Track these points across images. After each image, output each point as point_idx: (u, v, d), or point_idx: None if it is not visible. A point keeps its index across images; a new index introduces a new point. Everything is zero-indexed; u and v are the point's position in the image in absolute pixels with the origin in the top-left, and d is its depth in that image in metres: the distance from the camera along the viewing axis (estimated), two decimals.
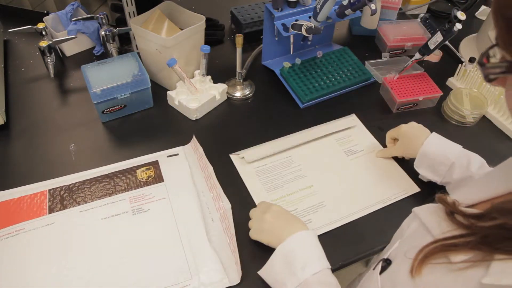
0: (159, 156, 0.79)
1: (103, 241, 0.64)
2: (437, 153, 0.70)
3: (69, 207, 0.69)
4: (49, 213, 0.68)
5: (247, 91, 0.95)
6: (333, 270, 0.65)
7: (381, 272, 0.48)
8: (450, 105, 0.90)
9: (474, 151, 0.70)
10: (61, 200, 0.70)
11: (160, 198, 0.71)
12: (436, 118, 0.92)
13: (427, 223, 0.45)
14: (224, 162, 0.79)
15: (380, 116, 0.92)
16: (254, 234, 0.64)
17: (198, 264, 0.62)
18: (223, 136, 0.85)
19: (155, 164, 0.77)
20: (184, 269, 0.61)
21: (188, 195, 0.72)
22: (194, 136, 0.82)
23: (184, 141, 0.82)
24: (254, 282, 0.61)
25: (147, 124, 0.87)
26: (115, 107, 0.85)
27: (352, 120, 0.89)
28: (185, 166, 0.77)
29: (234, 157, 0.80)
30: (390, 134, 0.81)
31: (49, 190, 0.71)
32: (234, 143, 0.83)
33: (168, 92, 0.89)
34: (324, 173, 0.78)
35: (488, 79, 0.36)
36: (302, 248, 0.58)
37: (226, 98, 0.94)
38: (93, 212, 0.68)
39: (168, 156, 0.79)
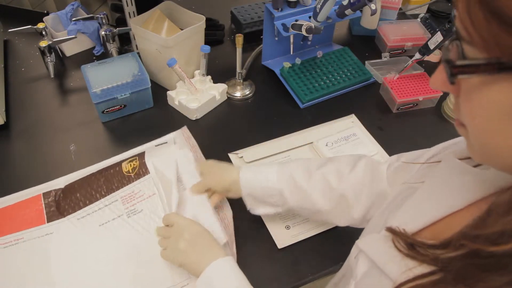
0: (147, 147, 0.76)
1: (102, 249, 0.64)
2: (260, 186, 0.62)
3: (66, 215, 0.68)
4: (48, 221, 0.67)
5: (247, 91, 0.95)
6: (332, 272, 0.65)
7: None
8: (450, 105, 0.90)
9: None
10: (57, 206, 0.69)
11: (150, 194, 0.70)
12: (436, 118, 0.92)
13: (380, 264, 0.38)
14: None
15: (380, 116, 0.91)
16: (167, 256, 0.58)
17: None
18: (223, 136, 0.85)
19: (140, 155, 0.74)
20: (181, 270, 0.61)
21: (174, 188, 0.69)
22: (185, 127, 0.80)
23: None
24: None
25: (147, 124, 0.87)
26: (115, 107, 0.85)
27: (351, 120, 0.89)
28: (171, 155, 0.74)
29: (232, 156, 0.80)
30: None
31: (43, 194, 0.70)
32: (234, 143, 0.83)
33: (168, 92, 0.89)
34: None
35: (452, 81, 0.28)
36: (224, 278, 0.53)
37: (226, 98, 0.94)
38: (90, 218, 0.68)
39: (156, 146, 0.77)
